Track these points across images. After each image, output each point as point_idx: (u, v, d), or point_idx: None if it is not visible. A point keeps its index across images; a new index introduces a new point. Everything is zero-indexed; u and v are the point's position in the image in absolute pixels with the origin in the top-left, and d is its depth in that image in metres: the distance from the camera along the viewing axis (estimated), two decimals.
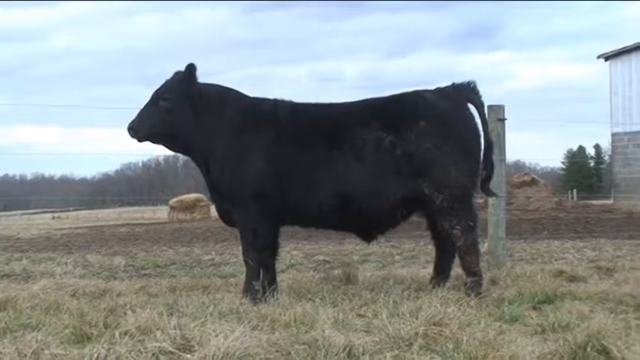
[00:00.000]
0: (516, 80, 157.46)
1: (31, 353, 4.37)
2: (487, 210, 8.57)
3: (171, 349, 4.35)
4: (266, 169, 6.44)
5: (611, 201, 31.88)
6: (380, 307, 5.61)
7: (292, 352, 4.39)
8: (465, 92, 6.65)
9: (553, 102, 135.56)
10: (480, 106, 6.65)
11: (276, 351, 4.44)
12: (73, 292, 6.81)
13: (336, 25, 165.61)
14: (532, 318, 5.40)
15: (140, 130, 6.69)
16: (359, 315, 5.54)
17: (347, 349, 4.39)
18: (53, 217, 45.08)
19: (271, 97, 6.81)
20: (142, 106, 6.76)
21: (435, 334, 4.64)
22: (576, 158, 76.89)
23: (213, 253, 12.07)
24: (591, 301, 6.10)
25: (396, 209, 6.49)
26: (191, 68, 6.65)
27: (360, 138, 6.40)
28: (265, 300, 6.14)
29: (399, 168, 6.35)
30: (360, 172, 6.36)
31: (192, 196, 29.97)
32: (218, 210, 6.99)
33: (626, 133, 29.81)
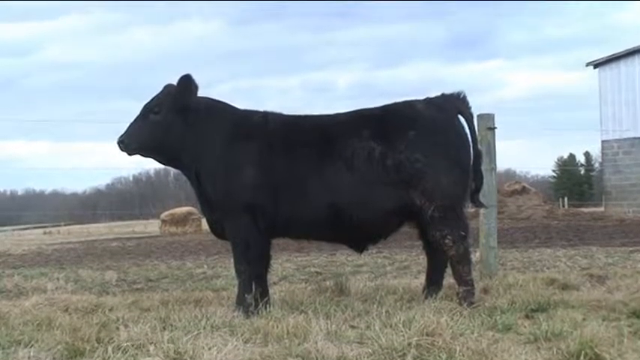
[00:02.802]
0: (507, 89, 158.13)
1: None
2: (478, 219, 8.57)
3: None
4: (257, 181, 6.43)
5: (602, 208, 32.04)
6: (372, 318, 5.60)
7: None
8: (455, 102, 6.66)
9: (543, 110, 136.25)
10: (469, 117, 6.65)
11: None
12: (65, 308, 6.76)
13: (327, 36, 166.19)
14: (525, 327, 5.39)
15: (130, 143, 6.67)
16: (352, 326, 5.53)
17: None
18: (44, 232, 44.99)
19: (262, 109, 6.83)
20: (132, 120, 6.76)
21: (428, 344, 4.63)
22: (567, 166, 77.15)
23: (205, 266, 12.06)
24: (584, 309, 6.09)
25: (388, 220, 6.50)
26: (182, 81, 6.64)
27: (351, 148, 6.40)
28: (258, 312, 6.12)
29: (390, 178, 6.35)
30: (351, 182, 6.35)
31: (184, 209, 29.94)
32: (209, 222, 6.96)
33: (616, 140, 29.94)
